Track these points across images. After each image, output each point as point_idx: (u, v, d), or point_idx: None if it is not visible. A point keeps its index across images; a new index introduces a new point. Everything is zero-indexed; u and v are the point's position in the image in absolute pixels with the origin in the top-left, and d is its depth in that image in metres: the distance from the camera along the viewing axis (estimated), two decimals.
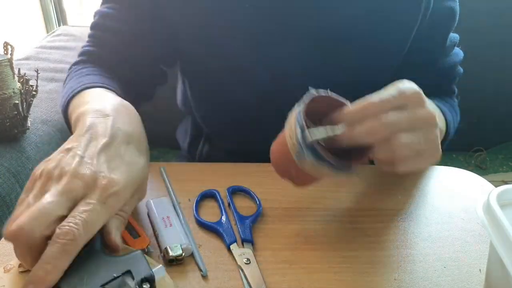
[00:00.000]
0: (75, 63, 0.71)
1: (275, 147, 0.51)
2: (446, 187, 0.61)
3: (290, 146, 0.46)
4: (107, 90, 0.60)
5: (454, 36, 0.75)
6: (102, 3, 0.72)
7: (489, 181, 0.62)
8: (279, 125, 0.49)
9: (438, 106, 0.68)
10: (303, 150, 0.45)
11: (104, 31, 0.71)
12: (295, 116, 0.46)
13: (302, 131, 0.44)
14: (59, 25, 1.71)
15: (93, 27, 0.72)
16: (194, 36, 0.68)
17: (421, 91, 0.47)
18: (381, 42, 0.67)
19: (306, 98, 0.47)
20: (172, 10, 0.68)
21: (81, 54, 0.72)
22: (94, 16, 0.72)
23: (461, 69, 0.78)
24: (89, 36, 0.73)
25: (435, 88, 0.77)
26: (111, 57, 0.70)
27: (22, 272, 0.40)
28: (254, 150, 0.59)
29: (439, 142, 0.48)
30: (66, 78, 0.69)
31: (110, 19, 0.70)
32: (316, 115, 0.49)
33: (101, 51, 0.71)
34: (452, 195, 0.59)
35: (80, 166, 0.41)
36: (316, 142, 0.44)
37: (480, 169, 1.15)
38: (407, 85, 0.47)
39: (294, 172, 0.49)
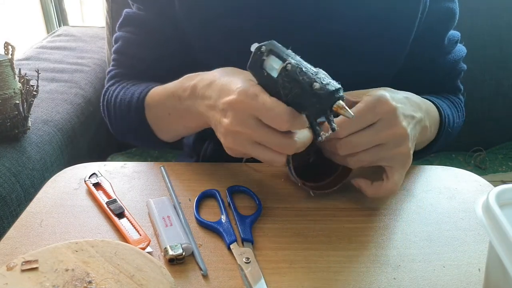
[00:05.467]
0: (109, 86, 0.75)
1: None
2: (445, 187, 0.61)
3: None
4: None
5: (454, 33, 0.75)
6: (121, 26, 0.75)
7: (489, 181, 0.63)
8: None
9: (432, 101, 0.67)
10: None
11: (127, 56, 0.75)
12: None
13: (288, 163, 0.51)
14: (59, 26, 1.71)
15: (117, 51, 0.75)
16: (209, 52, 0.70)
17: (395, 106, 0.51)
18: (381, 47, 0.67)
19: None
20: (189, 31, 0.70)
21: (111, 77, 0.76)
22: (116, 41, 0.75)
23: (464, 66, 0.78)
24: (114, 59, 0.76)
25: (438, 86, 0.77)
26: (138, 75, 0.74)
27: (24, 270, 0.40)
28: None
29: (411, 152, 0.53)
30: (105, 100, 0.74)
31: (134, 46, 0.73)
32: None
33: (128, 71, 0.75)
34: (452, 195, 0.60)
35: None
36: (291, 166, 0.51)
37: (480, 169, 1.15)
38: (381, 99, 0.50)
39: None
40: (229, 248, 0.49)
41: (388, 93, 0.51)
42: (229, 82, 0.51)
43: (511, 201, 0.39)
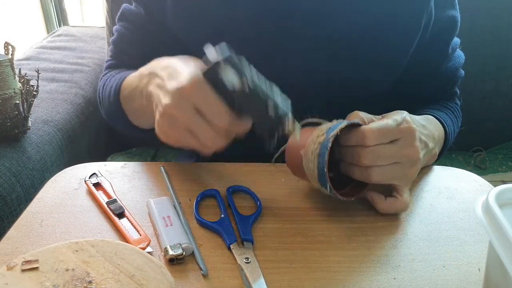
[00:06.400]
0: (103, 76, 0.79)
1: (291, 158, 0.56)
2: (445, 187, 0.61)
3: (305, 165, 0.52)
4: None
5: (455, 40, 0.75)
6: (118, 20, 0.78)
7: (489, 181, 0.63)
8: None
9: (439, 118, 0.68)
10: (318, 180, 0.51)
11: (120, 50, 0.79)
12: (319, 144, 0.50)
13: (323, 168, 0.50)
14: (59, 26, 1.71)
15: (112, 43, 0.79)
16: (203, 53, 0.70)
17: (415, 128, 0.53)
18: (381, 53, 0.67)
19: (332, 134, 0.50)
20: (181, 32, 0.70)
21: (106, 67, 0.81)
22: (113, 32, 0.78)
23: (462, 72, 0.78)
24: (111, 50, 0.80)
25: (438, 92, 0.77)
26: (129, 68, 0.76)
27: (24, 270, 0.40)
28: (259, 150, 0.60)
29: (416, 174, 0.55)
30: (98, 88, 0.79)
31: (126, 42, 0.77)
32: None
33: (121, 64, 0.79)
34: (451, 195, 0.60)
35: None
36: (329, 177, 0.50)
37: (480, 169, 1.15)
38: (405, 119, 0.53)
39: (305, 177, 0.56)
40: (229, 248, 0.49)
41: (408, 115, 0.54)
42: (183, 68, 0.53)
43: (511, 201, 0.39)
